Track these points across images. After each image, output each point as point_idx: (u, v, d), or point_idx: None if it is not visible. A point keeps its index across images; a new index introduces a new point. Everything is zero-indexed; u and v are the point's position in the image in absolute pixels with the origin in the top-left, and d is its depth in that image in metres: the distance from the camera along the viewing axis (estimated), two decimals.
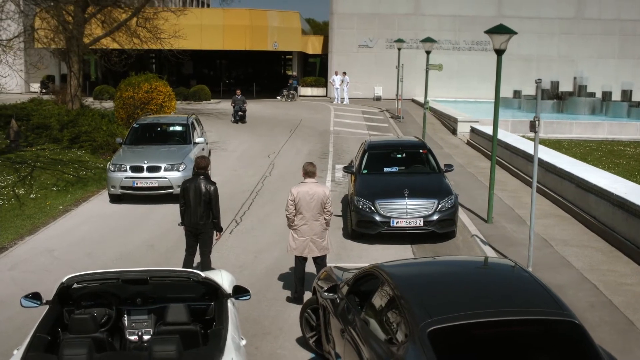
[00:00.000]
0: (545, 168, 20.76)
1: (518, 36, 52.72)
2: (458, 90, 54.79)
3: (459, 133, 35.23)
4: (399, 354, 6.96)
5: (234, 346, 7.53)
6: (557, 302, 7.33)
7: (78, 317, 7.96)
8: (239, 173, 24.86)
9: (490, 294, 7.72)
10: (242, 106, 39.64)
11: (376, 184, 16.81)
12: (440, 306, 7.26)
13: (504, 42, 16.75)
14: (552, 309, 7.23)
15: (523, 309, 7.26)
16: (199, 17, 53.89)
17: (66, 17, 33.89)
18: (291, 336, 11.03)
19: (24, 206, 19.47)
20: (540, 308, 7.26)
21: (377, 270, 8.42)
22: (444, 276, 8.40)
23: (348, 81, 53.26)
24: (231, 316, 8.44)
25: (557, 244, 15.72)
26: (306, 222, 12.23)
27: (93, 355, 7.03)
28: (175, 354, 7.01)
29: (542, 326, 7.08)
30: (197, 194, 12.70)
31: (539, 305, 7.32)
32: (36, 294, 8.59)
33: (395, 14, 55.96)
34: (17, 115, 31.36)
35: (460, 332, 6.88)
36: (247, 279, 13.54)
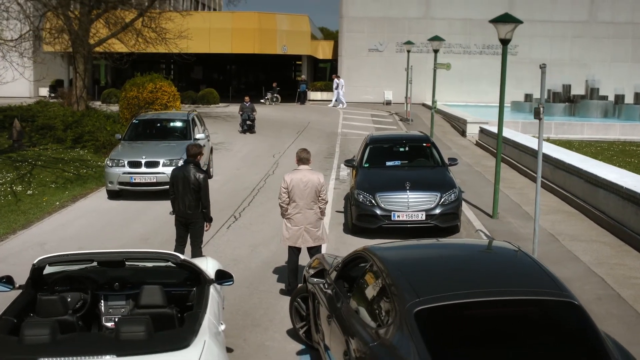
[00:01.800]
0: (553, 165, 20.27)
1: (530, 40, 52.59)
2: (469, 95, 54.26)
3: (468, 135, 34.75)
4: (384, 336, 6.48)
5: (209, 329, 7.07)
6: (556, 283, 6.83)
7: (45, 299, 7.51)
8: (242, 172, 24.45)
9: (485, 274, 7.23)
10: (250, 114, 36.01)
11: (377, 177, 16.33)
12: (430, 286, 6.77)
13: (509, 31, 16.26)
14: (550, 289, 6.72)
15: (518, 289, 6.76)
16: (208, 21, 53.64)
17: (72, 17, 33.64)
18: (282, 328, 10.55)
19: (20, 202, 19.08)
20: (537, 288, 6.76)
21: (366, 253, 7.94)
22: (437, 257, 7.92)
23: (343, 84, 52.79)
24: (211, 301, 7.98)
25: (564, 239, 15.20)
26: (300, 211, 11.74)
27: (56, 336, 6.57)
28: (144, 335, 6.54)
29: (539, 307, 6.59)
30: (186, 182, 12.25)
31: (535, 286, 6.82)
32: (9, 277, 8.16)
33: (405, 18, 55.50)
34: (23, 117, 31.16)
35: (450, 313, 6.39)
36: (241, 273, 13.11)
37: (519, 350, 6.13)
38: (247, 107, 35.83)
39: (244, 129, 35.98)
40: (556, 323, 6.53)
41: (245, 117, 35.92)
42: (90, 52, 35.06)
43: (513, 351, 6.12)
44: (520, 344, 6.20)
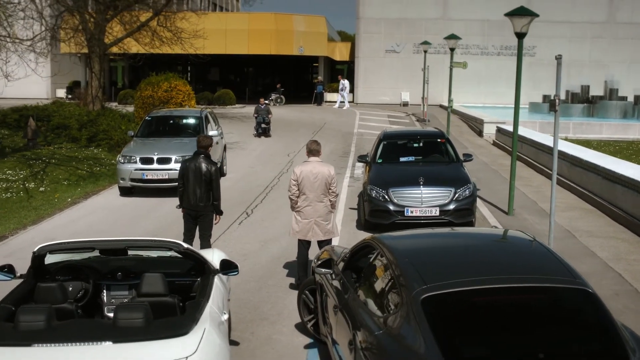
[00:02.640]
0: (570, 162, 19.98)
1: (548, 41, 52.10)
2: (486, 96, 53.88)
3: (485, 134, 34.46)
4: (391, 325, 6.25)
5: (210, 318, 6.87)
6: (569, 271, 6.58)
7: (44, 286, 7.33)
8: (256, 170, 24.28)
9: (496, 262, 6.98)
10: (265, 117, 34.36)
11: (391, 173, 16.08)
12: (437, 273, 6.53)
13: (525, 25, 16.00)
14: (563, 276, 6.47)
15: (529, 276, 6.51)
16: (224, 21, 53.55)
17: (87, 17, 33.63)
18: (290, 322, 10.33)
19: (31, 198, 19.00)
20: (550, 276, 6.51)
21: (374, 241, 7.71)
22: (447, 245, 7.68)
23: (347, 86, 52.52)
24: (215, 291, 7.79)
25: (581, 235, 14.92)
26: (310, 204, 11.52)
27: (52, 322, 6.39)
28: (142, 322, 6.35)
29: (552, 294, 6.33)
30: (197, 173, 12.06)
31: (548, 273, 6.57)
32: (10, 266, 7.99)
33: (422, 19, 55.18)
34: (38, 116, 31.16)
35: (458, 300, 6.15)
36: (251, 267, 12.94)
37: (530, 338, 5.89)
38: (262, 110, 34.42)
39: (258, 132, 34.49)
40: (569, 311, 6.29)
41: (260, 119, 34.42)
42: (106, 52, 35.02)
43: (524, 339, 5.87)
44: (531, 332, 5.94)
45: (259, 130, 34.38)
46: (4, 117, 33.13)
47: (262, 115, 34.21)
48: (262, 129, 34.33)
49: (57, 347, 6.03)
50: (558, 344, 5.88)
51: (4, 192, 19.61)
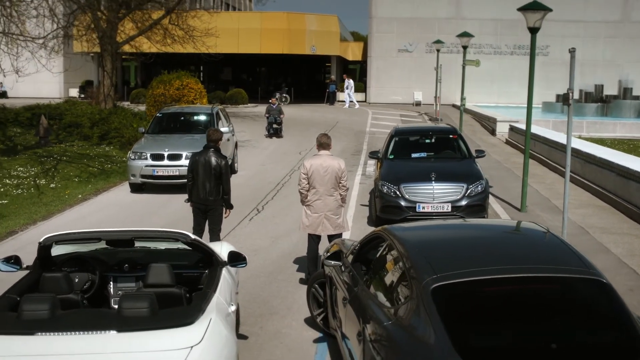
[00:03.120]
0: (584, 159, 19.81)
1: (561, 40, 51.77)
2: (499, 96, 53.68)
3: (497, 133, 34.29)
4: (400, 315, 6.13)
5: (217, 308, 6.76)
6: (583, 261, 6.44)
7: (49, 276, 7.25)
8: (267, 167, 24.20)
9: (508, 252, 6.85)
10: (277, 117, 33.23)
11: (402, 169, 15.93)
12: (448, 263, 6.40)
13: (538, 19, 15.86)
14: (577, 267, 6.33)
15: (542, 266, 6.38)
16: (236, 21, 53.52)
17: (99, 15, 33.65)
18: (299, 316, 10.22)
19: (42, 195, 18.96)
20: (563, 266, 6.37)
21: (384, 232, 7.59)
22: (458, 236, 7.55)
23: (352, 85, 52.33)
24: (223, 282, 7.69)
25: (594, 232, 14.76)
26: (320, 197, 11.40)
27: (56, 311, 6.30)
28: (147, 311, 6.25)
29: (565, 284, 6.19)
30: (207, 167, 11.96)
31: (561, 264, 6.42)
32: (17, 257, 7.92)
33: (435, 18, 54.97)
34: (50, 115, 31.20)
35: (469, 290, 6.02)
36: (261, 262, 12.85)
37: (543, 328, 5.75)
38: (273, 110, 33.32)
39: (270, 132, 33.47)
40: (583, 301, 6.15)
41: (272, 120, 33.37)
42: (118, 50, 35.04)
43: (536, 329, 5.72)
44: (543, 323, 5.81)
45: (270, 130, 33.49)
46: (17, 115, 33.18)
47: (273, 115, 33.24)
48: (273, 129, 33.40)
49: (61, 335, 5.94)
50: (571, 335, 5.75)
51: (15, 189, 19.59)
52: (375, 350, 6.10)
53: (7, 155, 25.20)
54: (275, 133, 33.31)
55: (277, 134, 33.31)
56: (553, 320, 5.87)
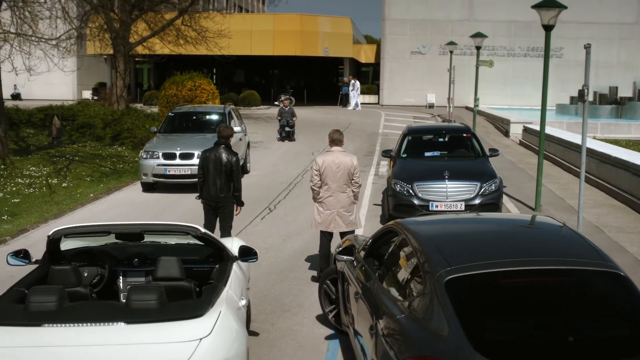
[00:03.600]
0: (599, 159, 19.64)
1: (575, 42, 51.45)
2: (512, 98, 53.45)
3: (511, 135, 34.13)
4: (413, 308, 6.01)
5: (227, 302, 6.66)
6: (600, 254, 6.31)
7: (57, 269, 7.17)
8: (280, 168, 24.11)
9: (523, 244, 6.72)
10: (289, 120, 32.16)
11: (415, 167, 15.78)
12: (462, 255, 6.28)
13: (552, 17, 15.71)
14: (594, 259, 6.19)
15: (558, 259, 6.24)
16: (249, 22, 53.49)
17: (112, 16, 33.66)
18: (311, 313, 10.12)
19: (54, 194, 18.93)
20: (579, 259, 6.24)
21: (397, 226, 7.47)
22: (473, 229, 7.43)
23: (358, 87, 52.15)
24: (234, 277, 7.59)
25: (610, 231, 14.59)
26: (332, 194, 11.29)
27: (63, 303, 6.22)
28: (155, 304, 6.15)
29: (581, 277, 6.05)
30: (218, 164, 11.86)
31: (578, 256, 6.29)
32: (26, 252, 7.86)
33: (448, 20, 54.81)
34: (63, 116, 31.24)
35: (484, 283, 5.89)
36: (272, 261, 12.76)
37: (559, 321, 5.62)
38: (286, 112, 32.37)
39: (282, 136, 32.32)
40: (600, 294, 6.01)
41: (284, 122, 32.22)
42: (131, 52, 35.04)
43: (552, 322, 5.59)
44: (559, 315, 5.68)
45: (282, 133, 32.38)
46: (30, 116, 33.24)
47: (285, 118, 32.24)
48: (285, 132, 32.33)
49: (68, 327, 5.85)
50: (588, 328, 5.63)
51: (27, 188, 19.56)
52: (388, 344, 5.98)
53: (19, 155, 25.22)
54: (288, 136, 32.35)
55: (290, 138, 32.33)
56: (569, 313, 5.75)
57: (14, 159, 23.80)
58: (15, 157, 24.32)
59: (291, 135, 32.30)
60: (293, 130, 32.42)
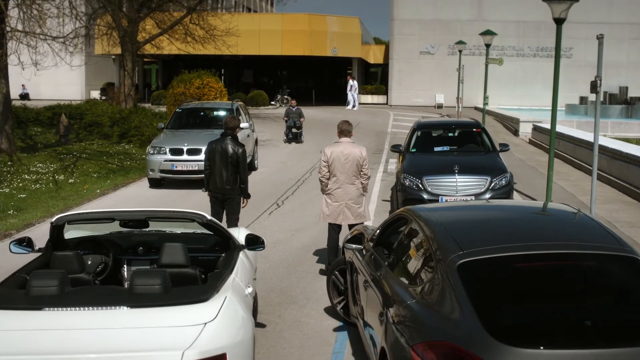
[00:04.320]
0: (610, 156, 19.45)
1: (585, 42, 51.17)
2: (522, 98, 53.15)
3: (520, 134, 33.94)
4: (424, 294, 5.84)
5: (233, 288, 6.50)
6: (617, 239, 6.13)
7: (60, 255, 7.02)
8: (288, 165, 23.98)
9: (537, 229, 6.55)
10: (297, 121, 30.52)
11: (425, 161, 15.58)
12: (474, 240, 6.10)
13: (564, 10, 15.49)
14: (611, 244, 6.01)
15: (574, 243, 6.07)
16: (258, 23, 53.37)
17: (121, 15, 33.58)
18: (319, 306, 9.95)
19: (60, 190, 18.81)
20: (596, 243, 6.06)
21: (407, 213, 7.30)
22: (486, 215, 7.24)
23: (356, 87, 51.90)
24: (240, 265, 7.43)
25: (622, 226, 14.40)
26: (340, 186, 11.12)
27: (65, 288, 6.06)
28: (159, 288, 5.99)
29: (598, 261, 5.88)
30: (224, 155, 11.69)
31: (594, 241, 6.12)
32: (29, 240, 7.72)
33: (457, 20, 54.58)
34: (71, 115, 31.12)
35: (497, 267, 5.72)
36: (280, 254, 12.61)
37: (575, 305, 5.45)
38: (293, 112, 30.77)
39: (288, 137, 30.73)
40: (617, 279, 5.84)
41: (291, 123, 30.60)
42: (139, 50, 34.96)
43: (568, 307, 5.42)
44: (575, 300, 5.51)
45: (289, 135, 30.77)
46: (37, 115, 33.19)
47: (292, 119, 30.61)
48: (292, 134, 30.69)
49: (69, 310, 5.71)
50: (604, 312, 5.45)
51: (34, 184, 19.46)
52: (398, 330, 5.80)
53: (27, 152, 25.12)
54: (295, 138, 30.78)
55: (297, 139, 30.76)
56: (586, 297, 5.59)
57: (20, 156, 23.70)
58: (22, 154, 24.23)
59: (299, 137, 30.79)
60: (300, 131, 30.87)
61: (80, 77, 57.92)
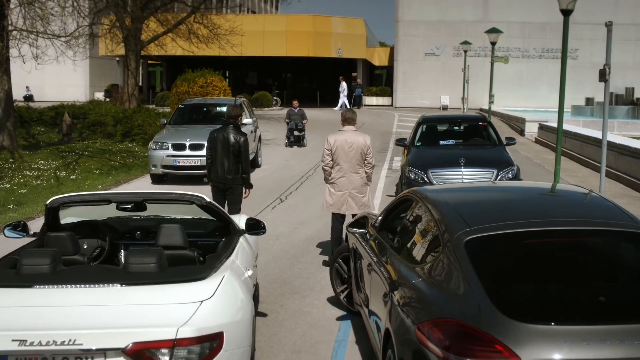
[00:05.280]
0: (618, 151, 19.26)
1: (590, 43, 50.86)
2: (527, 100, 52.90)
3: (526, 133, 33.71)
4: (430, 272, 5.61)
5: (231, 268, 6.28)
6: (631, 217, 5.90)
7: (53, 236, 6.80)
8: (291, 163, 23.77)
9: (548, 206, 6.35)
10: (299, 123, 28.22)
11: (430, 154, 15.38)
12: (482, 217, 5.89)
13: (571, 1, 15.29)
14: (625, 221, 5.78)
15: (587, 220, 5.85)
16: (262, 24, 53.22)
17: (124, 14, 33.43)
18: (322, 296, 9.71)
19: (61, 185, 18.60)
20: (608, 220, 5.84)
21: (413, 194, 7.07)
22: (494, 194, 7.05)
23: (345, 88, 51.61)
24: (240, 249, 7.21)
25: None
26: (344, 175, 10.90)
27: (57, 267, 5.85)
28: (155, 267, 5.78)
29: (610, 238, 5.66)
30: (226, 144, 11.47)
31: (607, 218, 5.89)
32: (24, 224, 7.51)
33: (462, 21, 54.37)
34: (75, 114, 30.95)
35: (506, 243, 5.50)
36: (282, 247, 12.40)
37: (588, 282, 5.23)
38: (294, 114, 28.46)
39: (290, 141, 28.38)
40: (631, 255, 5.61)
41: (293, 125, 28.32)
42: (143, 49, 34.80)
43: (580, 283, 5.20)
44: (588, 277, 5.29)
45: (290, 138, 28.50)
46: (41, 114, 33.08)
47: (294, 121, 28.36)
48: (294, 137, 28.49)
49: (60, 288, 5.49)
50: (617, 288, 5.23)
51: (35, 180, 19.27)
52: (403, 310, 5.56)
53: (29, 150, 24.94)
54: (297, 141, 28.48)
55: (299, 143, 28.48)
56: (599, 274, 5.37)
57: (22, 153, 23.53)
58: (24, 152, 24.05)
59: (301, 140, 28.56)
60: (303, 134, 28.65)
61: (85, 79, 57.87)
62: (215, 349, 5.14)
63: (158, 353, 4.94)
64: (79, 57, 30.23)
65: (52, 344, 4.82)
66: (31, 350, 4.84)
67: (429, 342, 4.92)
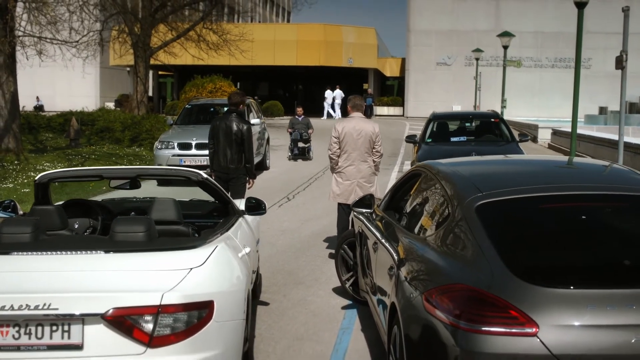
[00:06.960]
0: (633, 151, 18.81)
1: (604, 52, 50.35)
2: (540, 109, 52.43)
3: (539, 140, 33.36)
4: (439, 239, 5.20)
5: (226, 241, 5.88)
6: None
7: (39, 208, 6.41)
8: (300, 165, 23.47)
9: (565, 174, 5.98)
10: (303, 133, 25.08)
11: (440, 150, 14.95)
12: (495, 183, 5.52)
13: None
14: None
15: (605, 185, 5.47)
16: (273, 33, 53.00)
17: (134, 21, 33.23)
18: (327, 286, 9.30)
19: (65, 186, 18.26)
20: (628, 185, 5.44)
21: (422, 168, 6.67)
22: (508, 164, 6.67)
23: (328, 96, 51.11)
24: (237, 226, 6.82)
25: None
26: (352, 163, 10.49)
27: (39, 236, 5.47)
28: (143, 236, 5.38)
29: (630, 203, 5.25)
30: (228, 133, 11.10)
31: (627, 183, 5.51)
32: (14, 205, 7.16)
33: (474, 31, 54.00)
34: (83, 121, 30.69)
35: (520, 208, 5.11)
36: (288, 241, 12.03)
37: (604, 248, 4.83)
38: (298, 123, 25.42)
39: (294, 153, 25.12)
40: None
41: (297, 136, 25.18)
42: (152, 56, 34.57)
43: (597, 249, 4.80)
44: (605, 242, 4.90)
45: (294, 150, 25.26)
46: (49, 121, 32.86)
47: (299, 131, 25.28)
48: (299, 149, 25.25)
49: (40, 255, 5.10)
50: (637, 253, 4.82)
51: None
52: (408, 282, 5.14)
53: (35, 154, 24.67)
54: (302, 154, 25.20)
55: (304, 155, 25.18)
56: (617, 238, 4.99)
57: (28, 156, 23.24)
58: (30, 155, 23.77)
59: (306, 153, 25.25)
60: (309, 146, 25.37)
61: (95, 89, 57.80)
62: (204, 318, 4.73)
63: (141, 320, 4.53)
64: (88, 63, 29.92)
65: (25, 308, 4.42)
66: (1, 315, 4.44)
67: (438, 311, 4.51)
